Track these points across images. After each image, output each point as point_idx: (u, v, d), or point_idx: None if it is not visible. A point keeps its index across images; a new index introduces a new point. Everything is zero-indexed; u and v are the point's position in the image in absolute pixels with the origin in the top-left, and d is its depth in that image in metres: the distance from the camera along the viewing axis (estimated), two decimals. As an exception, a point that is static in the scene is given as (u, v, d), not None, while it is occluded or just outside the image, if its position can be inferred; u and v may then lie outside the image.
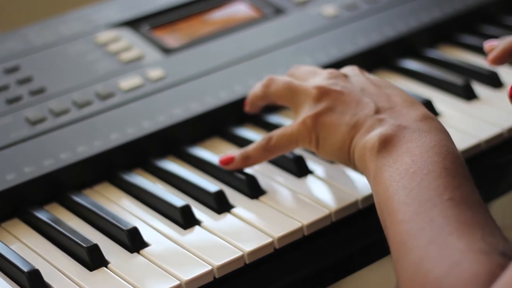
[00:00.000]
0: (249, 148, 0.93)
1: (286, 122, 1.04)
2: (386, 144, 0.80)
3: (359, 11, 1.19)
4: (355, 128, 0.85)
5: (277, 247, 0.85)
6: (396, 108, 0.85)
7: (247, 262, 0.84)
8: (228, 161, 0.94)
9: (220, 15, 1.17)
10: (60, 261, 0.85)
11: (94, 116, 1.00)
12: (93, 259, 0.84)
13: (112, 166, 0.97)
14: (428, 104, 1.04)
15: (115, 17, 1.14)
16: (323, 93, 0.88)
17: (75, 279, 0.83)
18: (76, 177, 0.95)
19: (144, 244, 0.86)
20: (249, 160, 0.93)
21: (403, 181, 0.75)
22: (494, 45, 0.94)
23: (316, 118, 0.88)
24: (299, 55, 1.11)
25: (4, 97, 1.02)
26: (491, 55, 0.93)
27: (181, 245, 0.86)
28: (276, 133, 0.91)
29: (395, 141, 0.80)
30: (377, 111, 0.85)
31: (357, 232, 0.89)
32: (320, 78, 0.91)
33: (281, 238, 0.85)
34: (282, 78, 0.94)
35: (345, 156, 0.86)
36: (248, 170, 0.95)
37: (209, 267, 0.82)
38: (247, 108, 0.99)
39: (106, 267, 0.84)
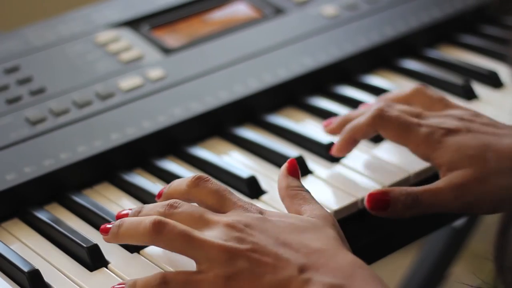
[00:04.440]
0: (139, 282, 0.76)
1: (285, 122, 1.04)
2: None
3: (359, 11, 1.19)
4: None
5: (277, 247, 0.85)
6: (321, 260, 0.74)
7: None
8: None
9: (220, 15, 1.17)
10: (60, 261, 0.85)
11: (94, 116, 1.00)
12: (93, 259, 0.84)
13: (112, 166, 0.97)
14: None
15: (115, 17, 1.14)
16: (233, 255, 0.74)
17: (75, 279, 0.83)
18: (76, 177, 0.95)
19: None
20: None
21: None
22: (333, 125, 0.95)
23: (229, 280, 0.73)
24: (299, 55, 1.11)
25: (4, 97, 1.01)
26: (335, 148, 0.94)
27: (181, 245, 0.86)
28: (175, 278, 0.75)
29: None
30: (301, 269, 0.73)
31: (356, 232, 0.89)
32: (219, 230, 0.76)
33: (281, 238, 0.85)
34: (176, 225, 0.76)
35: None
36: (248, 170, 0.95)
37: (209, 267, 0.82)
38: (109, 238, 0.80)
39: (106, 267, 0.84)
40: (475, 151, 0.87)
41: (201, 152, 0.99)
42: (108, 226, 0.80)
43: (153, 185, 0.94)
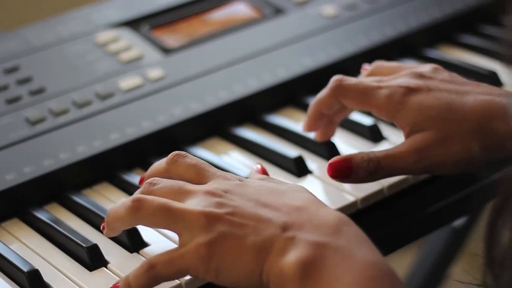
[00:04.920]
0: (130, 275, 0.76)
1: (285, 122, 1.04)
2: (307, 270, 0.69)
3: (359, 11, 1.19)
4: (262, 252, 0.71)
5: (276, 247, 0.85)
6: (304, 217, 0.73)
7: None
8: None
9: (220, 15, 1.17)
10: (59, 261, 0.85)
11: (93, 116, 1.00)
12: (92, 259, 0.84)
13: (112, 166, 0.97)
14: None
15: (114, 17, 1.14)
16: (212, 219, 0.73)
17: (75, 279, 0.83)
18: (76, 177, 0.95)
19: (144, 244, 0.86)
20: None
21: None
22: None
23: (211, 246, 0.72)
24: (299, 55, 1.11)
25: (3, 97, 1.02)
26: (304, 125, 0.94)
27: (181, 245, 0.86)
28: (160, 259, 0.75)
29: (317, 265, 0.69)
30: (284, 227, 0.72)
31: (356, 232, 0.88)
32: (199, 199, 0.75)
33: (280, 238, 0.85)
34: (155, 199, 0.76)
35: (256, 285, 0.72)
36: (248, 170, 0.95)
37: (209, 267, 0.82)
38: (105, 232, 0.81)
39: (106, 267, 0.84)
40: (437, 112, 0.86)
41: (201, 152, 0.99)
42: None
43: (152, 185, 0.94)
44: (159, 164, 0.83)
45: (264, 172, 0.87)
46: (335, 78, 0.91)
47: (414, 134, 0.86)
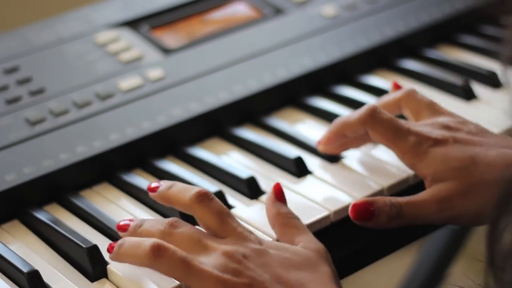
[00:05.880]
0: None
1: (285, 122, 1.04)
2: None
3: (359, 11, 1.19)
4: None
5: (276, 247, 0.85)
6: None
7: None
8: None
9: (220, 15, 1.17)
10: (59, 261, 0.85)
11: (93, 117, 1.00)
12: (92, 260, 0.84)
13: (112, 166, 0.97)
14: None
15: (114, 17, 1.14)
16: (229, 286, 0.74)
17: (75, 279, 0.83)
18: (76, 177, 0.95)
19: (144, 245, 0.86)
20: None
21: None
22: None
23: None
24: (298, 55, 1.11)
25: (3, 97, 1.01)
26: (322, 138, 0.94)
27: (181, 246, 0.86)
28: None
29: None
30: None
31: (356, 233, 0.88)
32: (216, 259, 0.76)
33: (280, 239, 0.85)
34: (176, 252, 0.75)
35: None
36: (247, 171, 0.95)
37: (209, 268, 0.82)
38: (112, 257, 0.80)
39: (106, 268, 0.84)
40: (460, 164, 0.87)
41: (201, 152, 0.99)
42: (113, 245, 0.80)
43: (152, 186, 0.94)
44: (183, 193, 0.81)
45: (279, 192, 0.85)
46: (369, 107, 0.91)
47: (436, 183, 0.87)
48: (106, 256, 0.85)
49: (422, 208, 0.86)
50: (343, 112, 1.04)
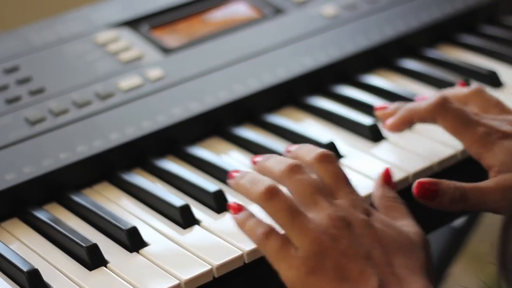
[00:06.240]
0: (249, 224, 0.80)
1: (285, 122, 1.04)
2: None
3: (359, 11, 1.19)
4: None
5: (276, 246, 0.85)
6: (399, 284, 0.75)
7: (246, 262, 0.84)
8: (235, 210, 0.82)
9: (220, 15, 1.17)
10: (59, 260, 0.85)
11: (93, 116, 1.00)
12: (92, 259, 0.84)
13: (112, 166, 0.97)
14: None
15: (114, 17, 1.14)
16: (324, 249, 0.76)
17: (75, 278, 0.83)
18: (76, 177, 0.95)
19: (144, 244, 0.86)
20: (243, 228, 0.80)
21: None
22: (388, 110, 0.96)
23: (311, 273, 0.75)
24: (298, 55, 1.11)
25: (3, 97, 1.01)
26: (390, 122, 0.95)
27: (181, 245, 0.86)
28: (274, 242, 0.77)
29: None
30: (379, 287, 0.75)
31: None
32: (321, 219, 0.78)
33: (280, 238, 0.85)
34: (287, 200, 0.78)
35: None
36: (248, 170, 0.95)
37: (209, 267, 0.82)
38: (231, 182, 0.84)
39: (106, 267, 0.84)
40: None
41: (201, 152, 0.99)
42: (235, 173, 0.84)
43: (152, 185, 0.94)
44: (308, 153, 0.84)
45: (387, 176, 0.87)
46: (441, 97, 0.92)
47: (502, 173, 0.88)
48: (106, 255, 0.85)
49: (486, 195, 0.87)
50: (343, 112, 1.04)
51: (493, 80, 1.10)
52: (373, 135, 1.00)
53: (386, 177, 0.86)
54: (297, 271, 0.75)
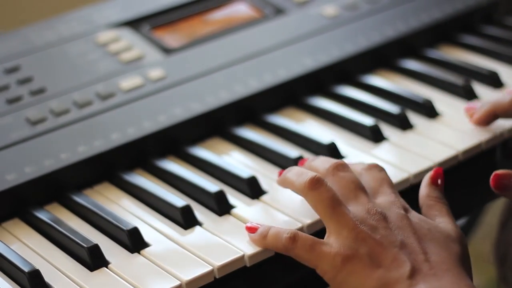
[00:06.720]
0: (271, 232, 0.83)
1: (286, 122, 1.04)
2: None
3: (359, 11, 1.19)
4: (384, 287, 0.78)
5: (277, 247, 0.85)
6: (430, 272, 0.78)
7: (247, 263, 0.84)
8: (252, 230, 0.85)
9: (220, 15, 1.17)
10: (60, 261, 0.85)
11: (94, 116, 1.00)
12: (93, 259, 0.84)
13: (113, 166, 0.97)
14: (428, 104, 1.04)
15: (115, 17, 1.14)
16: (360, 237, 0.79)
17: (76, 279, 0.83)
18: (77, 177, 0.95)
19: (145, 244, 0.86)
20: (265, 241, 0.84)
21: None
22: (475, 109, 0.99)
23: (347, 261, 0.79)
24: (299, 55, 1.11)
25: (4, 97, 1.02)
26: (475, 117, 0.98)
27: (182, 245, 0.86)
28: (304, 241, 0.81)
29: None
30: (412, 274, 0.77)
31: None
32: (360, 212, 0.82)
33: (281, 238, 0.85)
34: (330, 190, 0.82)
35: None
36: (248, 170, 0.95)
37: (210, 268, 0.82)
38: (278, 180, 0.90)
39: (107, 267, 0.84)
40: None
41: (202, 152, 0.99)
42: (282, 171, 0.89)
43: (153, 185, 0.94)
44: (359, 163, 0.89)
45: (435, 177, 0.88)
46: None
47: None
48: (107, 255, 0.85)
49: None
50: (344, 112, 1.04)
51: (494, 80, 1.10)
52: (374, 135, 1.00)
53: (434, 177, 0.88)
54: (333, 261, 0.79)
